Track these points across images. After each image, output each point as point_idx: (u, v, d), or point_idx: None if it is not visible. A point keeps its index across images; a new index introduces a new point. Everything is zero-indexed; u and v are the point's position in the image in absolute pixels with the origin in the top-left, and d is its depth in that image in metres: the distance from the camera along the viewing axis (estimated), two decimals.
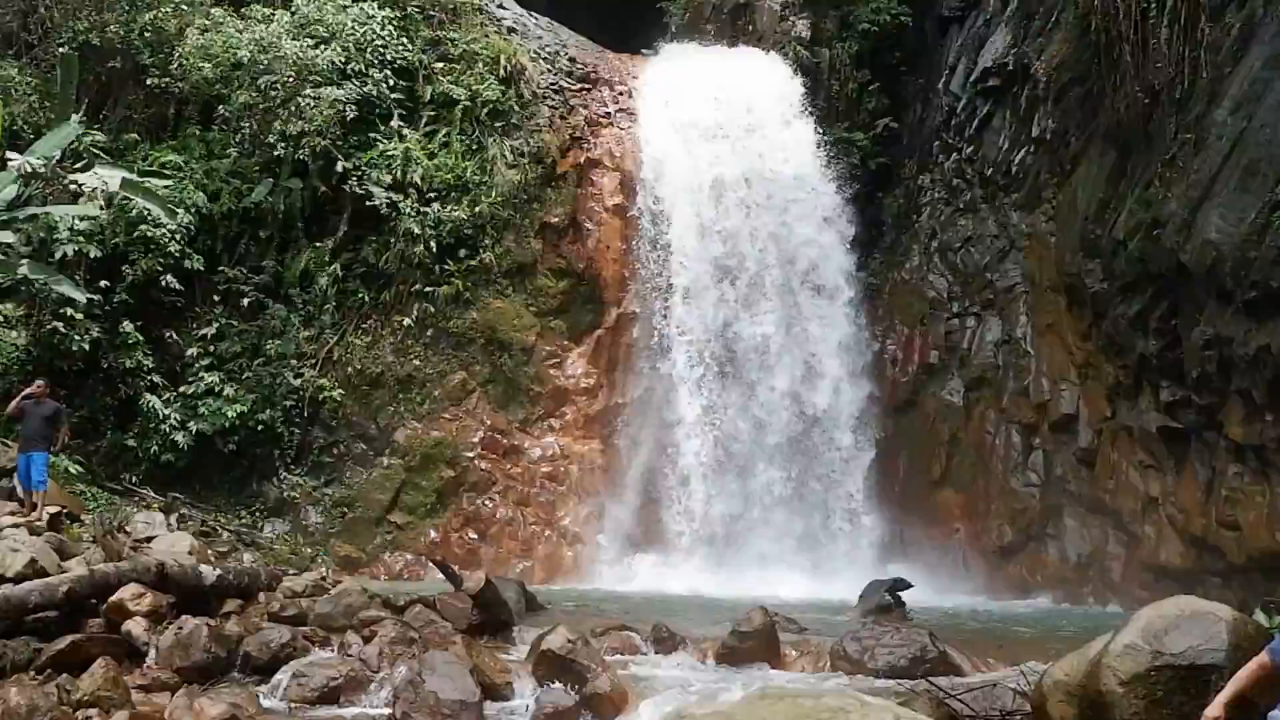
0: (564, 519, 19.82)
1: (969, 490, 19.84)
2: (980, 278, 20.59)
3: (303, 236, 20.51)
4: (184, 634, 10.55)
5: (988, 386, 20.03)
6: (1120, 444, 17.65)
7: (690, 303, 20.68)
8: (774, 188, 21.53)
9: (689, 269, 20.78)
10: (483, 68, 21.72)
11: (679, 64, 23.16)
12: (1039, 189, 19.79)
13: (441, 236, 20.32)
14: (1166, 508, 16.61)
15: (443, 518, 19.48)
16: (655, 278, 20.91)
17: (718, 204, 21.28)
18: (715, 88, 22.32)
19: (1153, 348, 16.62)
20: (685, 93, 22.38)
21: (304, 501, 19.34)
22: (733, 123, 21.98)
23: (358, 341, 20.20)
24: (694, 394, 20.22)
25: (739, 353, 20.64)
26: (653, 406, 20.52)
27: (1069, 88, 18.92)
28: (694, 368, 20.35)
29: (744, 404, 20.37)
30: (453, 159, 20.95)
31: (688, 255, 20.87)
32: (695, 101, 22.20)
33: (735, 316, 20.78)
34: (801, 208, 21.52)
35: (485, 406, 20.30)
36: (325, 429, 19.87)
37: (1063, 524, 18.39)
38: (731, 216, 21.21)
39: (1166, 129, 16.38)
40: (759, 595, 15.34)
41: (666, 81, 22.79)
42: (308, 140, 19.98)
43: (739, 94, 22.25)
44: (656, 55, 23.97)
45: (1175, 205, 15.76)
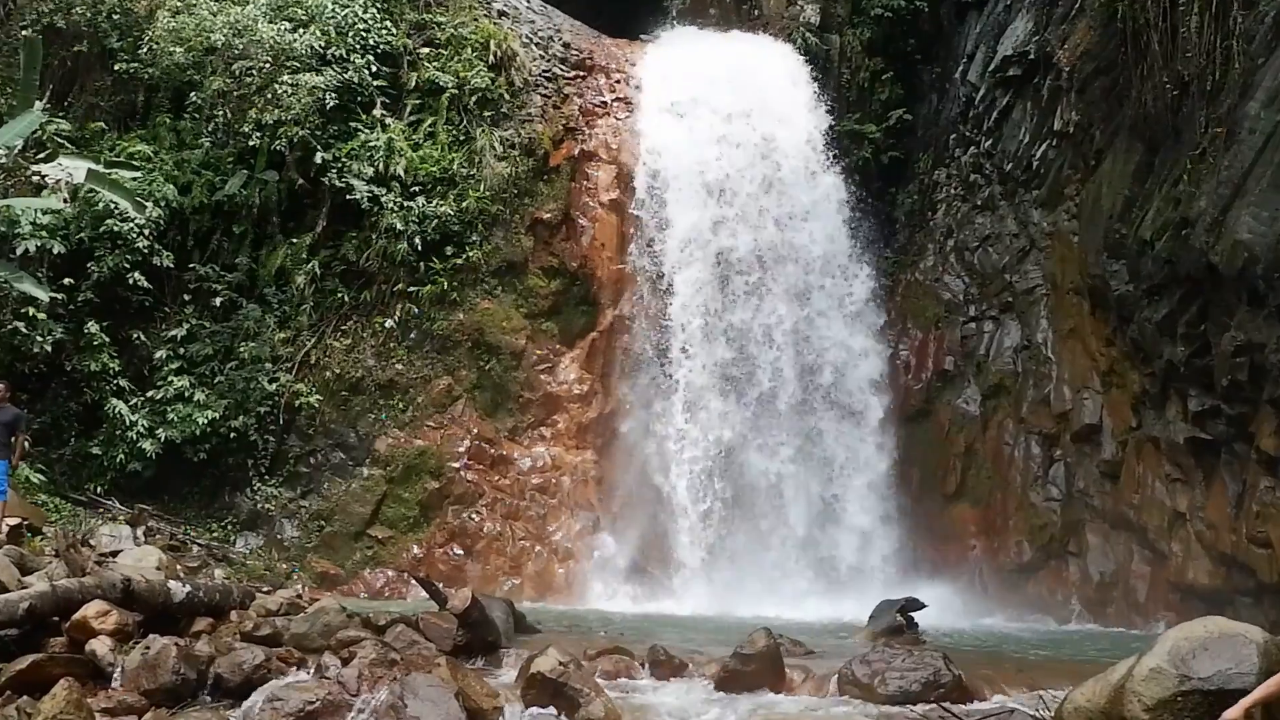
0: (555, 534, 19.82)
1: (986, 505, 19.87)
2: (999, 279, 20.63)
3: (279, 232, 20.52)
4: (151, 654, 10.55)
5: (1006, 395, 20.06)
6: (1146, 456, 17.68)
7: (692, 304, 20.68)
8: (781, 182, 21.55)
9: (690, 268, 20.78)
10: (471, 53, 21.73)
11: (680, 51, 23.19)
12: (1061, 185, 19.83)
13: (426, 233, 20.33)
14: (1194, 523, 16.64)
15: (426, 532, 19.48)
16: (654, 278, 20.90)
17: (721, 199, 21.27)
18: (719, 76, 22.33)
19: (1181, 354, 16.64)
20: (687, 81, 22.38)
21: (279, 514, 19.34)
22: (737, 113, 21.97)
23: (337, 344, 20.21)
24: (695, 401, 20.21)
25: (743, 357, 20.64)
26: (651, 414, 20.51)
27: (1093, 78, 18.95)
28: (695, 373, 20.33)
29: (748, 411, 20.39)
30: (438, 150, 20.97)
31: (689, 253, 20.88)
32: (697, 91, 22.20)
33: (740, 318, 20.79)
34: (810, 203, 21.55)
35: (472, 414, 20.31)
36: (302, 437, 19.87)
37: (1085, 541, 18.42)
38: (736, 212, 21.21)
39: (1196, 122, 16.40)
40: (763, 616, 15.35)
41: (666, 69, 22.81)
42: (285, 130, 20.00)
43: (744, 83, 22.26)
44: (656, 41, 24.00)
45: (1205, 203, 15.78)
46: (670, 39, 23.82)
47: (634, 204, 21.34)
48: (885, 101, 23.22)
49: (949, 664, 11.12)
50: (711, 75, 22.35)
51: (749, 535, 19.82)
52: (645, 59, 23.32)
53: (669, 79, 22.59)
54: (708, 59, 22.69)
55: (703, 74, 22.36)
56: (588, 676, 10.53)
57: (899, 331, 21.76)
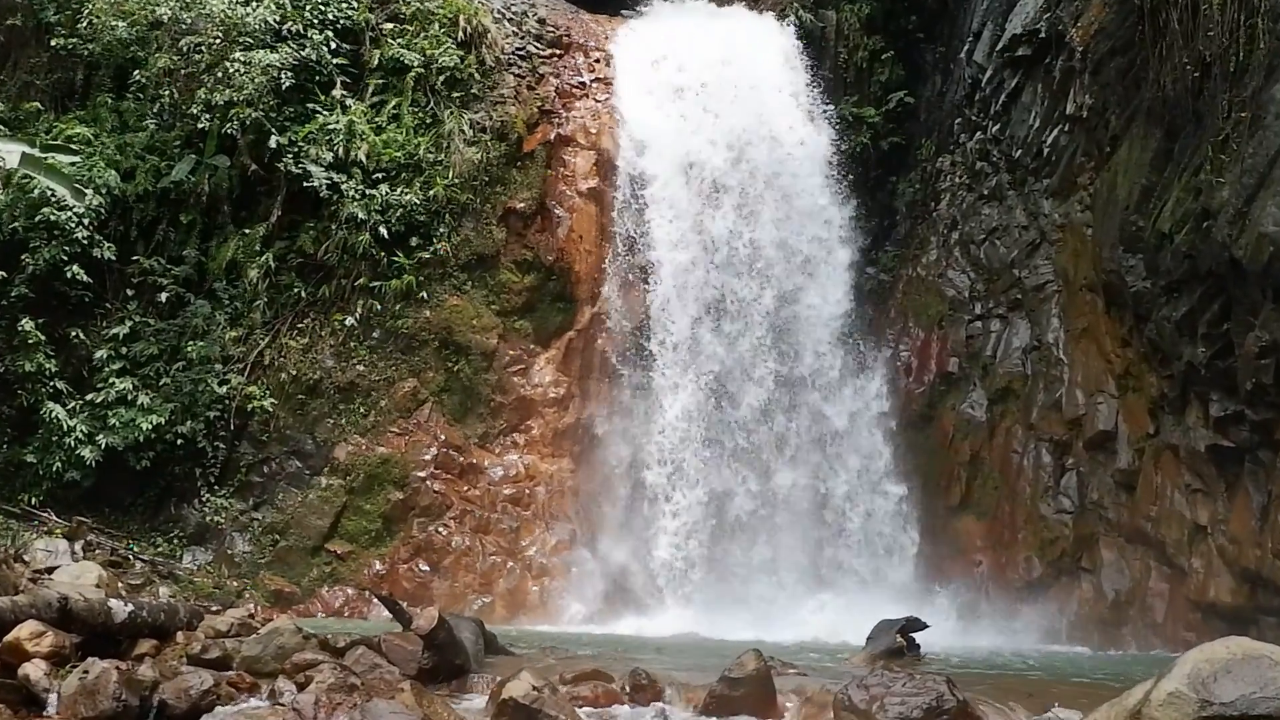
0: (529, 548, 19.80)
1: (992, 517, 19.90)
2: (1006, 274, 20.66)
3: (230, 222, 20.48)
4: (90, 679, 10.48)
5: (1014, 399, 20.09)
6: (1164, 465, 17.71)
7: (676, 300, 20.69)
8: (772, 169, 21.57)
9: (676, 262, 20.80)
10: (439, 29, 21.71)
11: (663, 27, 23.25)
12: (1074, 174, 19.86)
13: (390, 223, 20.30)
14: (1216, 537, 16.68)
15: (389, 546, 19.45)
16: (636, 272, 20.92)
17: (707, 187, 21.30)
18: (705, 55, 22.37)
19: (1201, 355, 16.66)
20: (671, 60, 22.42)
21: (229, 527, 19.29)
22: (725, 95, 22.00)
23: (293, 343, 20.17)
24: (680, 405, 20.23)
25: (732, 357, 20.66)
26: (633, 419, 20.53)
27: (1109, 58, 18.99)
28: (680, 375, 20.34)
29: (737, 417, 20.40)
30: (403, 134, 20.95)
31: (673, 246, 20.89)
32: (682, 70, 22.23)
33: (728, 315, 20.81)
34: (804, 191, 21.58)
35: (439, 419, 20.28)
36: (254, 444, 19.82)
37: (1099, 556, 18.44)
38: (723, 202, 21.24)
39: (1219, 106, 16.42)
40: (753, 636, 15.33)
41: (649, 47, 22.84)
42: (236, 111, 19.95)
43: (733, 62, 22.30)
44: (638, 17, 24.01)
45: (1228, 193, 15.82)
46: (654, 15, 23.84)
47: (615, 193, 21.34)
48: (885, 83, 23.27)
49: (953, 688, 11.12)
50: (699, 54, 22.38)
51: (738, 551, 19.83)
52: (627, 36, 23.34)
53: (653, 58, 22.62)
54: (695, 37, 22.73)
55: (689, 53, 22.41)
56: (564, 703, 10.51)
57: (899, 331, 21.79)
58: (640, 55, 22.73)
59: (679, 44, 22.61)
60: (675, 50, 22.53)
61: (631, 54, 22.84)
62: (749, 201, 21.28)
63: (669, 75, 22.27)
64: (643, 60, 22.61)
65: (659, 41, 22.84)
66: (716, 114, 21.84)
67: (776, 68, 22.59)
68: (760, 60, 22.58)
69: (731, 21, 23.31)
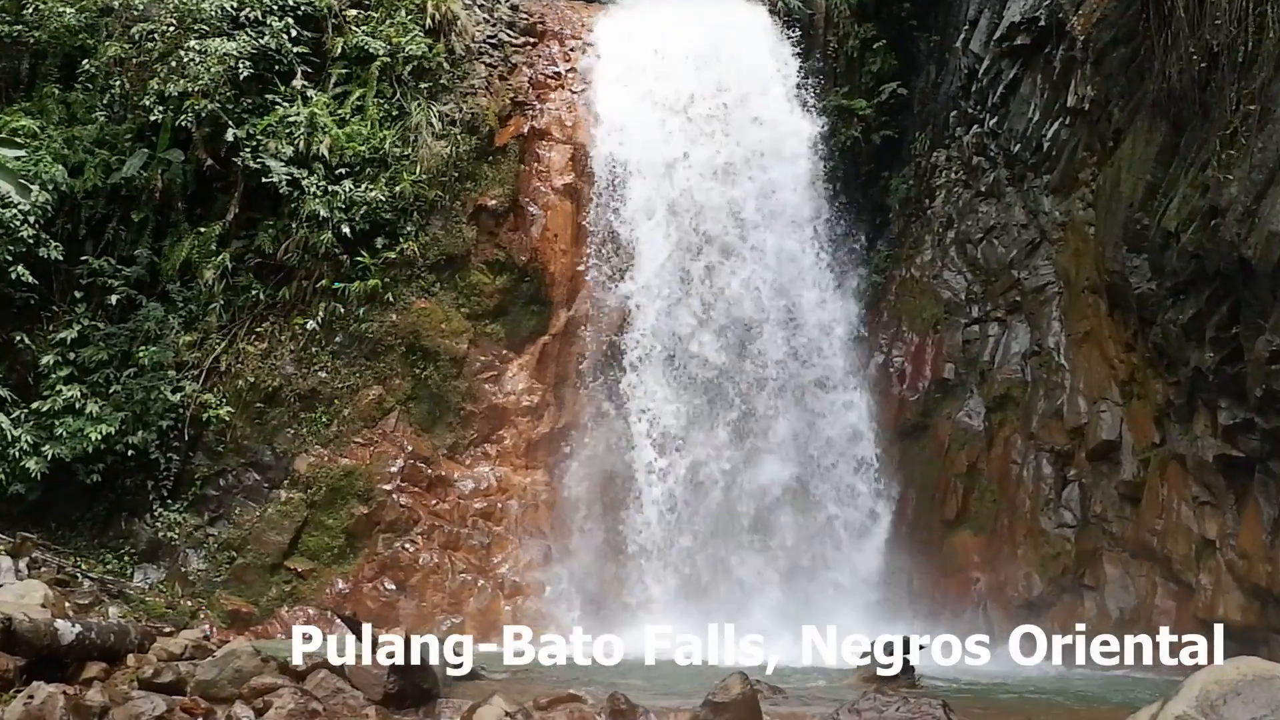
0: (501, 566, 19.79)
1: (990, 532, 19.93)
2: (1005, 275, 20.72)
3: (184, 220, 20.42)
4: (35, 704, 10.47)
5: (1013, 407, 20.14)
6: (1170, 476, 17.77)
7: (656, 303, 20.71)
8: (759, 165, 21.61)
9: (656, 263, 20.83)
10: (405, 16, 21.73)
11: (643, 14, 23.29)
12: (1075, 169, 19.92)
13: (354, 221, 20.28)
14: (1225, 552, 16.73)
15: (353, 564, 19.42)
16: (614, 273, 20.95)
17: (690, 184, 21.33)
18: (688, 43, 22.44)
19: (1209, 360, 16.71)
20: (651, 49, 22.47)
21: (183, 544, 19.23)
22: (709, 85, 22.06)
23: (250, 349, 20.12)
24: (661, 415, 20.24)
25: (716, 364, 20.68)
26: (610, 429, 20.53)
27: (1111, 48, 19.05)
28: (660, 382, 20.36)
29: (722, 428, 20.42)
30: (368, 127, 20.93)
31: (654, 246, 20.92)
32: (663, 59, 22.29)
33: (713, 319, 20.84)
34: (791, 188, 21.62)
35: (406, 429, 20.27)
36: (210, 455, 19.77)
37: (1102, 572, 18.48)
38: (706, 198, 21.26)
39: (1227, 99, 16.47)
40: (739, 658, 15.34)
41: (628, 35, 22.92)
42: (191, 103, 19.90)
43: (717, 50, 22.37)
44: (616, 3, 24.04)
45: (1237, 190, 15.87)
46: (633, 1, 23.85)
47: (592, 189, 21.37)
48: (877, 74, 23.28)
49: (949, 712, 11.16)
50: (681, 43, 22.41)
51: (723, 568, 19.84)
52: (604, 24, 23.41)
53: (632, 47, 22.67)
54: (677, 24, 22.76)
55: (670, 41, 22.46)
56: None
57: (892, 335, 21.83)
58: (619, 44, 22.76)
59: (660, 32, 22.64)
60: (656, 39, 22.54)
61: (610, 43, 22.88)
62: (734, 198, 21.30)
63: (650, 65, 22.28)
64: (622, 49, 22.63)
65: (639, 30, 22.87)
66: (699, 105, 21.86)
67: (764, 57, 22.62)
68: (746, 49, 22.61)
69: (716, 9, 23.34)
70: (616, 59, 22.56)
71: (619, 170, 21.37)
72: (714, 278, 21.06)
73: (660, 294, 20.78)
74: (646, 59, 22.38)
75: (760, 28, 23.01)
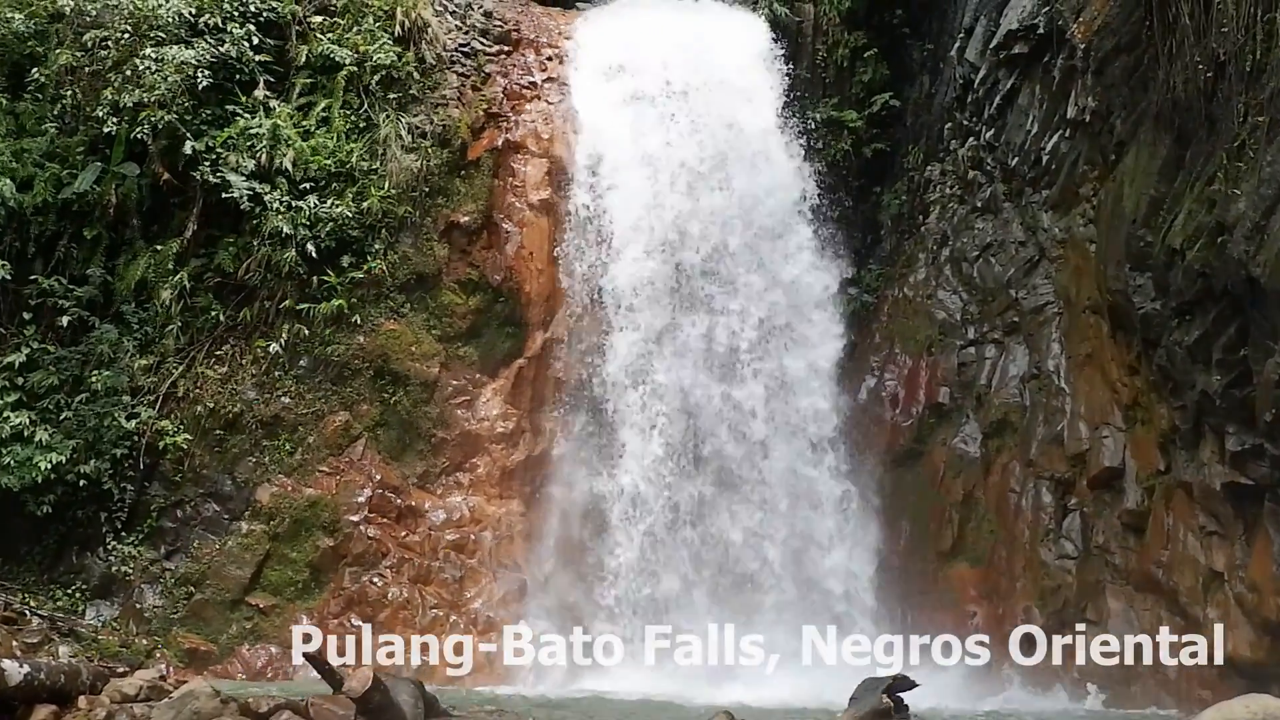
0: (474, 601, 19.76)
1: (988, 564, 19.95)
2: (1002, 295, 20.78)
3: (139, 238, 20.37)
4: None
5: (1011, 432, 20.18)
6: (1176, 505, 17.80)
7: (637, 325, 20.72)
8: (744, 178, 21.65)
9: (637, 282, 20.84)
10: (373, 23, 21.73)
11: (623, 21, 23.32)
12: (1076, 184, 20.00)
13: (319, 239, 20.26)
14: (1234, 585, 16.75)
15: (318, 599, 19.37)
16: (593, 293, 20.95)
17: (673, 199, 21.36)
18: (670, 52, 22.46)
19: (1216, 384, 16.74)
20: (632, 58, 22.51)
21: (138, 579, 19.15)
22: (692, 97, 22.09)
23: (210, 373, 20.08)
24: (642, 440, 20.25)
25: (701, 390, 20.69)
26: (590, 457, 20.53)
27: (1113, 57, 19.14)
28: (642, 407, 20.37)
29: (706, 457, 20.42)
30: (334, 140, 20.92)
31: (635, 264, 20.93)
32: (645, 69, 22.32)
33: (698, 341, 20.85)
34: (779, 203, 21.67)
35: (374, 457, 20.24)
36: (167, 485, 19.70)
37: (1105, 606, 18.50)
38: (690, 215, 21.29)
39: (1234, 110, 16.54)
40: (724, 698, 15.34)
41: (608, 43, 22.93)
42: (147, 114, 19.88)
43: (701, 60, 22.40)
44: (595, 9, 24.10)
45: (1245, 205, 15.91)
46: (612, 8, 23.94)
47: (570, 205, 21.38)
48: (868, 84, 23.36)
49: None
50: (663, 52, 22.45)
51: (707, 604, 19.82)
52: (583, 32, 23.44)
53: (612, 55, 22.67)
54: (658, 32, 22.80)
55: (652, 50, 22.49)
56: None
57: (884, 358, 21.86)
58: (598, 52, 22.80)
59: (641, 40, 22.68)
60: (637, 47, 22.59)
61: (588, 51, 22.91)
62: (718, 215, 21.34)
63: (630, 75, 22.33)
64: (601, 58, 22.67)
65: (619, 37, 22.91)
66: (682, 117, 21.90)
67: (749, 67, 22.68)
68: (731, 58, 22.66)
69: (699, 16, 23.40)
70: (595, 68, 22.57)
71: (599, 185, 21.36)
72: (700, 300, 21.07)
73: (642, 317, 20.77)
74: (627, 68, 22.39)
75: (746, 34, 23.04)
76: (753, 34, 23.02)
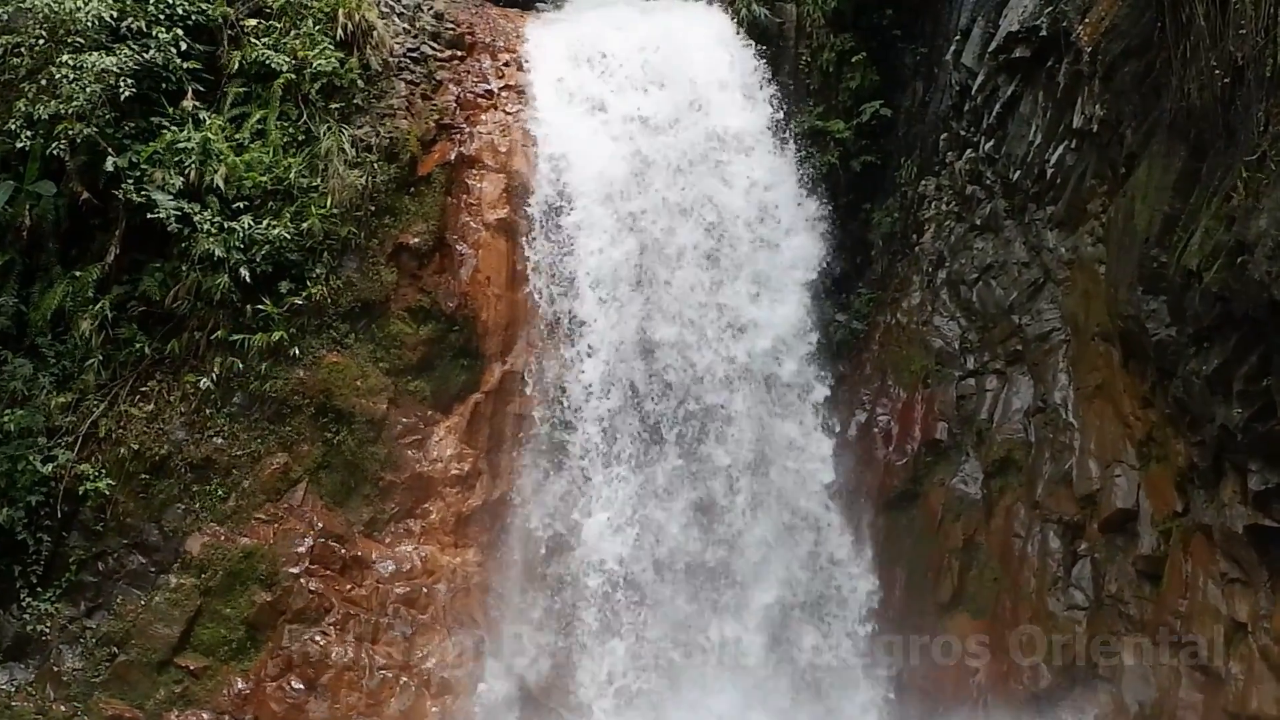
0: (427, 660, 19.73)
1: (991, 616, 20.00)
2: (1004, 321, 20.86)
3: (57, 263, 20.32)
4: None
5: (1015, 471, 20.25)
6: (1195, 550, 17.85)
7: (604, 354, 20.78)
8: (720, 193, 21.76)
9: (605, 307, 20.92)
10: (313, 26, 21.71)
11: (587, 24, 23.44)
12: (1083, 200, 20.09)
13: (254, 263, 20.23)
14: (1259, 637, 16.80)
15: (255, 660, 19.32)
16: (557, 321, 21.00)
17: (642, 216, 21.45)
18: (639, 56, 22.59)
19: (1238, 417, 16.77)
20: (597, 64, 22.62)
21: (56, 638, 19.07)
22: (663, 105, 22.22)
23: (134, 411, 20.04)
24: (611, 481, 20.29)
25: (673, 422, 20.75)
26: (553, 501, 20.54)
27: (1122, 61, 19.26)
28: (610, 444, 20.41)
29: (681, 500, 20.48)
30: (270, 154, 20.90)
31: (602, 288, 21.00)
32: (611, 76, 22.44)
33: (667, 372, 20.91)
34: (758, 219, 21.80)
35: (316, 502, 20.21)
36: (87, 535, 19.63)
37: (1119, 660, 18.54)
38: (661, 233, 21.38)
39: (1254, 118, 16.60)
40: None
41: (571, 48, 23.02)
42: (64, 127, 19.85)
43: (672, 65, 22.54)
44: (556, 10, 24.22)
45: (1266, 222, 15.96)
46: (575, 9, 24.11)
47: (530, 224, 21.43)
48: (856, 91, 23.47)
49: None
50: (630, 56, 22.58)
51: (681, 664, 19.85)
52: (543, 35, 23.53)
53: (575, 61, 22.77)
54: (625, 35, 22.92)
55: (619, 54, 22.58)
56: None
57: (876, 390, 21.92)
58: (560, 58, 22.89)
59: (607, 44, 22.79)
60: (603, 51, 22.70)
61: (549, 56, 22.99)
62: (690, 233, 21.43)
63: (596, 82, 22.43)
64: (563, 64, 22.76)
65: (582, 41, 23.01)
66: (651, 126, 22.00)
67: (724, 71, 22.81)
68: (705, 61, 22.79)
69: (668, 17, 23.53)
70: (557, 75, 22.65)
71: (561, 202, 21.42)
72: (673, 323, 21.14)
73: (611, 347, 20.83)
74: (593, 74, 22.50)
75: (721, 35, 23.20)
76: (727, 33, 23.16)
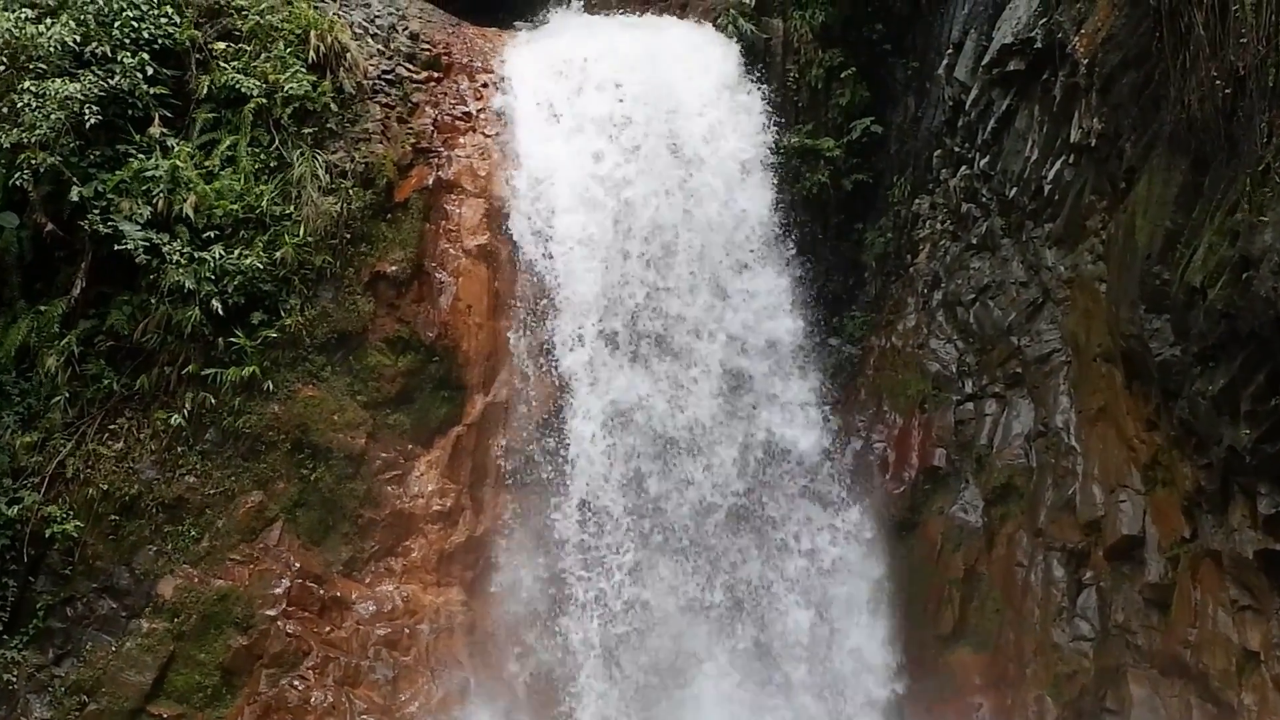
0: (410, 704, 19.69)
1: (994, 648, 20.00)
2: (1003, 343, 20.89)
3: (20, 297, 20.28)
4: None
5: (1017, 498, 20.26)
6: (1204, 576, 17.86)
7: (591, 384, 20.78)
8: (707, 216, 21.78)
9: (590, 337, 20.92)
10: (284, 49, 21.69)
11: (569, 42, 23.45)
12: (1082, 216, 20.13)
13: (226, 294, 20.19)
14: (1271, 665, 16.78)
15: (231, 707, 19.25)
16: (541, 350, 20.99)
17: (628, 241, 21.47)
18: (622, 75, 22.61)
19: (1246, 438, 16.79)
20: (579, 83, 22.64)
21: (23, 687, 18.99)
22: (648, 125, 22.23)
23: (103, 450, 19.98)
24: (600, 515, 20.26)
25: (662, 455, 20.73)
26: (540, 537, 20.52)
27: (1120, 73, 19.32)
28: (599, 478, 20.39)
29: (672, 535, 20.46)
30: (241, 181, 20.84)
31: (588, 317, 21.00)
32: (594, 96, 22.46)
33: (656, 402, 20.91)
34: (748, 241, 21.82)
35: (293, 542, 20.16)
36: (55, 579, 19.56)
37: (1127, 693, 18.53)
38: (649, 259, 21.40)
39: (1256, 129, 16.63)
40: None
41: (552, 67, 23.05)
42: (27, 156, 19.83)
43: (657, 84, 22.57)
44: (535, 29, 24.25)
45: (1271, 236, 15.99)
46: (555, 27, 24.10)
47: (511, 251, 21.44)
48: (846, 107, 23.56)
49: None
50: (613, 75, 22.60)
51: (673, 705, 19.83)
52: (522, 55, 23.53)
53: (557, 81, 22.80)
54: (607, 53, 22.95)
55: (601, 74, 22.61)
56: None
57: (871, 417, 21.95)
58: (540, 78, 22.91)
59: (590, 64, 22.82)
60: (586, 71, 22.73)
61: (529, 77, 23.02)
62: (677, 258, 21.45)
63: (578, 102, 22.45)
64: (543, 84, 22.79)
65: (566, 61, 23.03)
66: (636, 148, 22.02)
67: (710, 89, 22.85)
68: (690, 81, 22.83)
69: (652, 34, 23.57)
70: (539, 95, 22.67)
71: (543, 228, 21.43)
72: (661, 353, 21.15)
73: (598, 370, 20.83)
74: (575, 94, 22.52)
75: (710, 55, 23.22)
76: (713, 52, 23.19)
